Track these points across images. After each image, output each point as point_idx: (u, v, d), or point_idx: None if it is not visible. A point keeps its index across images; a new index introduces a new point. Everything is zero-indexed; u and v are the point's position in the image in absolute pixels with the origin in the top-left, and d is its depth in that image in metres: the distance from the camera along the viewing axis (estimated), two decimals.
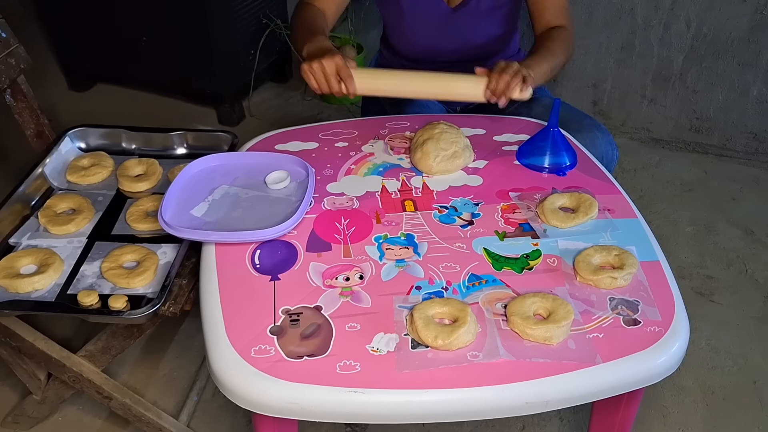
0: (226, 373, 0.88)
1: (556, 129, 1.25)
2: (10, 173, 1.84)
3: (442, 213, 1.14)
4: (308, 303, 0.96)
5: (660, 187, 2.22)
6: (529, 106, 1.51)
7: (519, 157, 1.28)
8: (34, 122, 1.42)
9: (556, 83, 2.48)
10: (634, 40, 2.30)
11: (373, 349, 0.89)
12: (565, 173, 1.24)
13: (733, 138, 2.36)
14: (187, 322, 1.68)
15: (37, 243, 1.21)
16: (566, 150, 1.25)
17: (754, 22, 2.12)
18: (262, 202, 1.15)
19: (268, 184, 1.19)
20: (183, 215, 1.13)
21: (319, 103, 2.64)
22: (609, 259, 1.03)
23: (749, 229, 2.04)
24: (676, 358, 0.92)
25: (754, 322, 1.73)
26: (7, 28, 1.34)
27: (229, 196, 1.17)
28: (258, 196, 1.17)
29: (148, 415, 1.32)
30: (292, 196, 1.17)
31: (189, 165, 1.22)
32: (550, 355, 0.89)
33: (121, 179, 1.34)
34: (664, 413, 1.51)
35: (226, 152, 1.30)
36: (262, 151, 1.28)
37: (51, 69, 2.74)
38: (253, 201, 1.16)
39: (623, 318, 0.94)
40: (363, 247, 1.07)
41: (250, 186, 1.20)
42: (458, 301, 0.95)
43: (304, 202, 1.11)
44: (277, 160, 1.24)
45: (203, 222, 1.12)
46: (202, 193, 1.18)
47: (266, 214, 1.12)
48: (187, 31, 2.31)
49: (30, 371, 1.33)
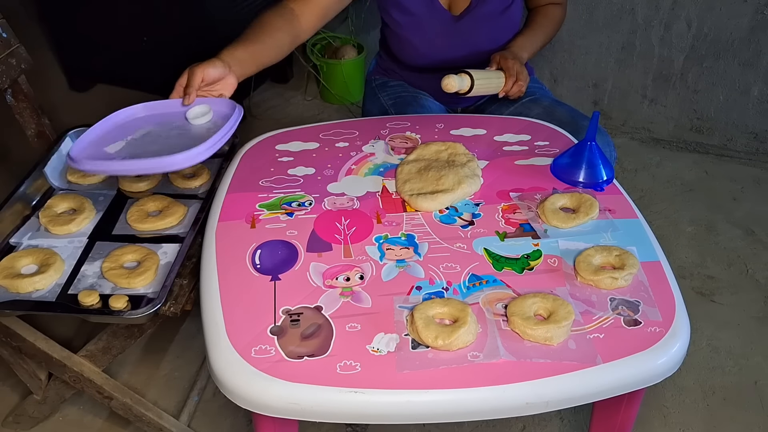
0: (226, 373, 0.88)
1: (594, 142, 1.20)
2: (10, 173, 1.85)
3: (442, 213, 1.14)
4: (309, 303, 0.96)
5: (661, 187, 2.22)
6: (528, 107, 1.51)
7: (553, 170, 1.24)
8: (35, 122, 1.42)
9: (556, 83, 2.48)
10: (635, 40, 2.30)
11: (374, 349, 0.89)
12: (602, 188, 1.20)
13: (734, 138, 2.36)
14: (188, 322, 1.69)
15: (38, 243, 1.21)
16: (604, 164, 1.21)
17: (755, 21, 2.12)
18: (181, 140, 1.09)
19: (190, 119, 1.14)
20: (96, 152, 1.07)
21: (320, 103, 2.64)
22: (610, 260, 1.03)
23: (750, 229, 2.04)
24: (676, 359, 0.92)
25: (755, 322, 1.73)
26: (8, 29, 1.34)
27: (150, 135, 1.12)
28: (179, 133, 1.12)
29: (149, 415, 1.33)
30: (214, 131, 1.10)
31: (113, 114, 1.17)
32: (551, 355, 0.89)
33: (121, 179, 1.34)
34: (665, 413, 1.51)
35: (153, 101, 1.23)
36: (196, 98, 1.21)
37: (52, 69, 2.73)
38: (174, 138, 1.10)
39: (624, 318, 0.94)
40: (363, 248, 1.06)
41: (172, 126, 1.14)
42: (459, 302, 0.95)
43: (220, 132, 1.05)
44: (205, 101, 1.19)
45: (114, 158, 1.07)
46: (122, 134, 1.13)
47: (183, 147, 1.05)
48: (188, 31, 2.31)
49: (31, 371, 1.33)
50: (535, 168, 1.26)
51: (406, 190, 1.17)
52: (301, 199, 1.17)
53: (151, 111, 1.20)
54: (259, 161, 1.27)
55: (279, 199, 1.17)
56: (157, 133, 1.12)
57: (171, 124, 1.14)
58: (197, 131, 1.11)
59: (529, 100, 1.52)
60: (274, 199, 1.17)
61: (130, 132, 1.13)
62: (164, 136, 1.11)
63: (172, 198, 1.29)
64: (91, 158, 1.05)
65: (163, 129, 1.12)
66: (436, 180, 1.18)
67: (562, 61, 2.44)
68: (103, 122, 1.14)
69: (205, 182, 1.35)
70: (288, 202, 1.16)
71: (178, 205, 1.27)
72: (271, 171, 1.24)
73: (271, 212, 1.14)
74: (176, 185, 1.35)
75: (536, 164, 1.27)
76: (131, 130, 1.13)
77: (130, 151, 1.07)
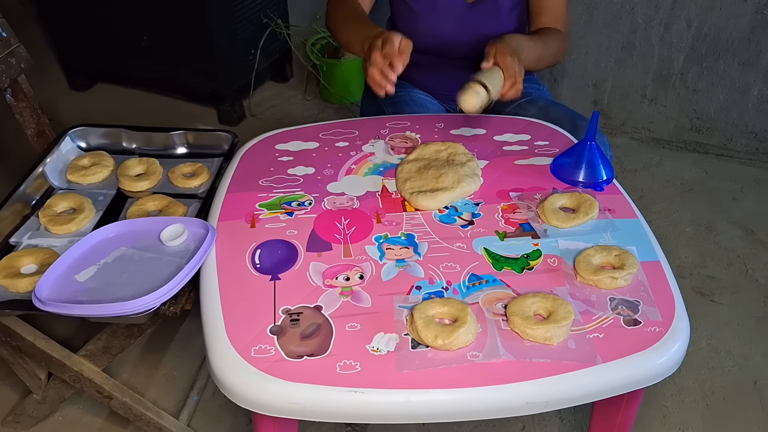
0: (226, 373, 0.88)
1: (594, 142, 1.20)
2: (10, 173, 1.85)
3: (442, 213, 1.14)
4: (308, 303, 0.96)
5: (660, 187, 2.22)
6: (525, 107, 1.51)
7: (553, 170, 1.24)
8: (35, 122, 1.42)
9: (556, 83, 2.48)
10: (635, 39, 2.30)
11: (374, 348, 0.89)
12: (602, 188, 1.20)
13: (734, 138, 2.36)
14: (188, 322, 1.69)
15: (38, 242, 1.20)
16: (604, 164, 1.21)
17: (754, 21, 2.12)
18: (154, 264, 1.07)
19: (164, 241, 1.11)
20: (67, 281, 1.05)
21: (320, 102, 2.64)
22: (609, 260, 1.02)
23: (750, 228, 2.04)
24: (676, 359, 0.92)
25: (755, 321, 1.73)
26: (8, 28, 1.34)
27: (123, 259, 1.09)
28: (152, 257, 1.09)
29: (149, 415, 1.33)
30: (186, 257, 1.08)
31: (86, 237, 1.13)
32: (551, 355, 0.89)
33: (121, 179, 1.34)
34: (665, 413, 1.51)
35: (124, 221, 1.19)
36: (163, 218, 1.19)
37: (51, 68, 2.74)
38: (146, 263, 1.08)
39: (623, 318, 0.94)
40: (363, 247, 1.06)
41: (147, 247, 1.11)
42: (458, 301, 0.95)
43: (186, 268, 1.01)
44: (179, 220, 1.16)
45: (84, 289, 1.04)
46: (95, 258, 1.10)
47: (152, 278, 1.03)
48: (188, 31, 2.31)
49: (30, 371, 1.33)
50: (534, 168, 1.26)
51: (407, 188, 1.17)
52: (300, 198, 1.17)
53: (124, 229, 1.16)
54: (258, 161, 1.27)
55: (279, 199, 1.17)
56: (130, 255, 1.10)
57: (144, 245, 1.11)
58: (171, 252, 1.09)
59: (525, 101, 1.52)
60: (273, 198, 1.17)
61: (104, 254, 1.10)
62: (137, 258, 1.09)
63: (172, 197, 1.29)
64: (57, 287, 1.04)
65: (137, 251, 1.10)
66: (435, 178, 1.18)
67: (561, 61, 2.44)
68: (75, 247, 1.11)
69: (205, 182, 1.35)
70: (288, 202, 1.16)
71: (177, 205, 1.27)
72: (271, 170, 1.24)
73: (270, 212, 1.14)
74: (176, 185, 1.35)
75: (536, 164, 1.27)
76: (105, 252, 1.11)
77: (99, 280, 1.05)
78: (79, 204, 1.27)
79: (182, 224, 1.13)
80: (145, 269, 1.07)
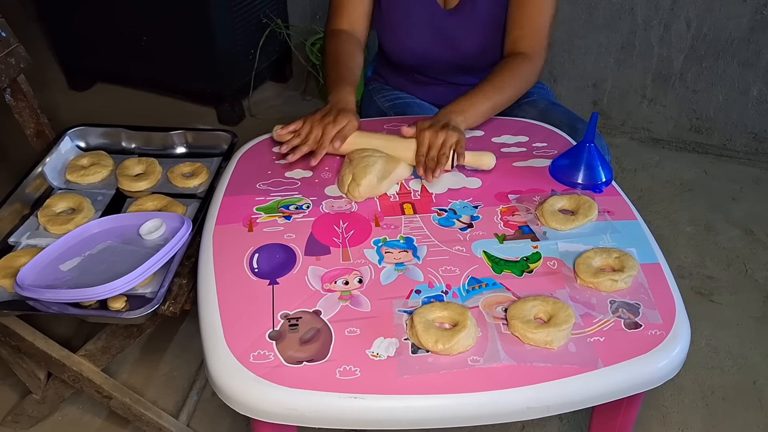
0: (224, 379, 0.87)
1: (593, 144, 1.19)
2: (9, 172, 1.85)
3: (441, 216, 1.14)
4: (307, 307, 0.96)
5: (660, 187, 2.22)
6: (524, 109, 1.49)
7: (552, 171, 1.24)
8: (34, 121, 1.42)
9: (556, 83, 2.48)
10: (634, 40, 2.29)
11: (373, 354, 0.89)
12: (601, 190, 1.20)
13: (733, 138, 2.36)
14: (187, 322, 1.69)
15: (37, 242, 1.20)
16: (603, 166, 1.20)
17: (754, 22, 2.12)
18: (131, 256, 1.12)
19: (142, 235, 1.17)
20: (51, 270, 1.11)
21: (319, 103, 2.63)
22: (609, 262, 1.02)
23: (749, 229, 2.04)
24: (677, 362, 0.91)
25: (754, 322, 1.73)
26: (7, 28, 1.33)
27: (106, 252, 1.15)
28: (131, 250, 1.14)
29: (148, 415, 1.33)
30: (161, 248, 1.12)
31: (73, 231, 1.19)
32: (551, 359, 0.89)
33: (120, 178, 1.33)
34: (664, 413, 1.51)
35: (109, 216, 1.24)
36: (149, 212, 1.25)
37: (51, 68, 2.74)
38: (125, 255, 1.13)
39: (624, 321, 0.94)
40: (362, 251, 1.06)
41: (128, 240, 1.17)
42: (458, 305, 0.94)
43: (153, 258, 1.07)
44: (158, 215, 1.21)
45: (64, 278, 1.09)
46: (81, 249, 1.16)
47: (127, 268, 1.06)
48: (188, 31, 2.31)
49: (30, 370, 1.33)
50: (533, 170, 1.25)
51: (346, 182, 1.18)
52: (298, 202, 1.16)
53: (109, 225, 1.22)
54: (256, 164, 1.26)
55: (276, 203, 1.16)
56: (114, 248, 1.16)
57: (126, 239, 1.18)
58: (149, 245, 1.15)
59: (526, 102, 1.51)
60: (271, 202, 1.16)
61: (89, 247, 1.16)
62: (119, 251, 1.15)
63: (171, 197, 1.29)
64: (44, 275, 1.10)
65: (120, 244, 1.17)
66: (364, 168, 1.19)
67: (561, 61, 2.44)
68: (63, 240, 1.17)
69: (204, 182, 1.35)
70: (285, 205, 1.16)
71: (177, 205, 1.27)
72: (269, 173, 1.23)
73: (268, 215, 1.13)
74: (175, 184, 1.35)
75: (535, 166, 1.26)
76: (91, 244, 1.17)
77: (81, 270, 1.11)
78: (78, 204, 1.27)
79: (160, 219, 1.19)
80: (123, 260, 1.11)
